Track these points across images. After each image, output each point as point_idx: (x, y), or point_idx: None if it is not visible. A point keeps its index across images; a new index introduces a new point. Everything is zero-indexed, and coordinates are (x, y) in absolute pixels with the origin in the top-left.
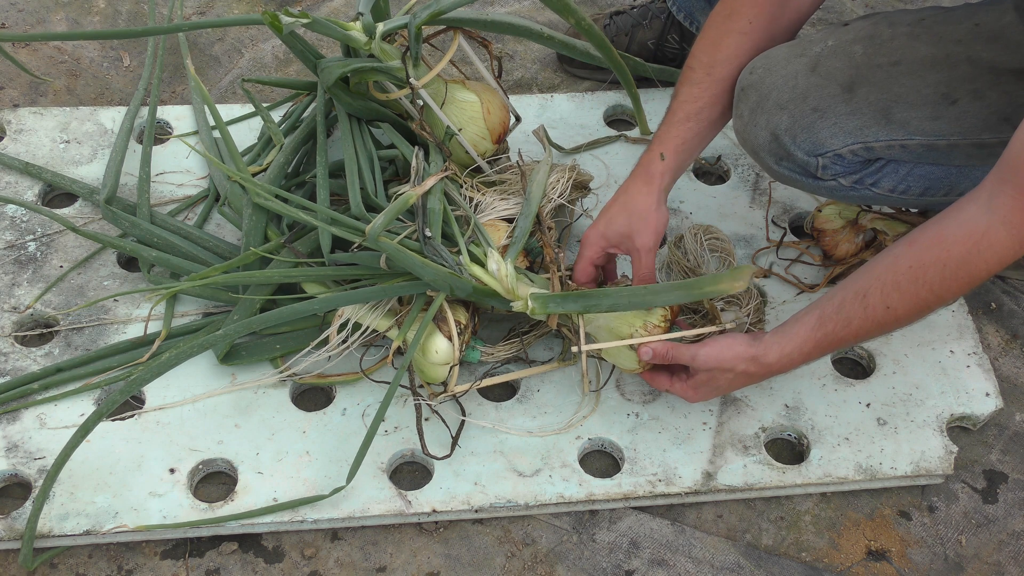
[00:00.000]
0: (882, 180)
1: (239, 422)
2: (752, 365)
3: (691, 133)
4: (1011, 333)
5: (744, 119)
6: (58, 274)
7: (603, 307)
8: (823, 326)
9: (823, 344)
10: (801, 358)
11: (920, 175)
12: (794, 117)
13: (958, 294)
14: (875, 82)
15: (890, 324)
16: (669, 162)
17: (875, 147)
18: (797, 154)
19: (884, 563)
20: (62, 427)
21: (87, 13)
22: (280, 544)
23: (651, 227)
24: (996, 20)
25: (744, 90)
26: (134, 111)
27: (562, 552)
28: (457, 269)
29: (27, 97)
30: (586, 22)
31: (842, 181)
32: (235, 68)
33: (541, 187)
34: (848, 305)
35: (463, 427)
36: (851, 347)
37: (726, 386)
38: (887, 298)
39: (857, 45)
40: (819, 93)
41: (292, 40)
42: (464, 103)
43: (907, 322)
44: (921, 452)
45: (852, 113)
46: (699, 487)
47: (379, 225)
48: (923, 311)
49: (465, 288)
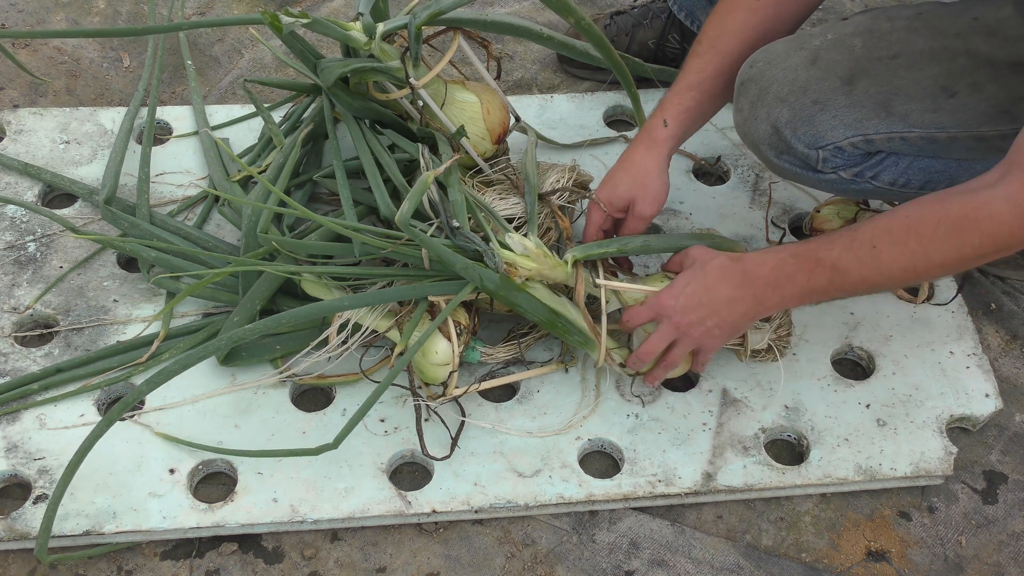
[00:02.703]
0: (882, 173)
1: (239, 422)
2: (731, 262)
3: (693, 102)
4: (1011, 334)
5: (744, 113)
6: (58, 274)
7: (636, 246)
8: (806, 243)
9: (802, 257)
10: (778, 264)
11: (920, 168)
12: (794, 110)
13: (944, 262)
14: (875, 75)
15: (870, 267)
16: (671, 129)
17: (875, 139)
18: (798, 147)
19: (884, 564)
20: (62, 428)
21: (87, 13)
22: (280, 545)
23: (652, 194)
24: (994, 14)
25: (744, 84)
26: (134, 112)
27: (562, 553)
28: (489, 254)
29: (27, 97)
30: (586, 22)
31: (843, 174)
32: (235, 68)
33: (533, 163)
34: (837, 235)
35: (463, 428)
36: (830, 292)
37: (708, 299)
38: (876, 238)
39: (857, 38)
40: (819, 86)
41: (292, 40)
42: (464, 103)
43: (887, 275)
44: (921, 453)
45: (852, 106)
46: (699, 488)
47: (406, 211)
48: (906, 266)
49: (493, 278)
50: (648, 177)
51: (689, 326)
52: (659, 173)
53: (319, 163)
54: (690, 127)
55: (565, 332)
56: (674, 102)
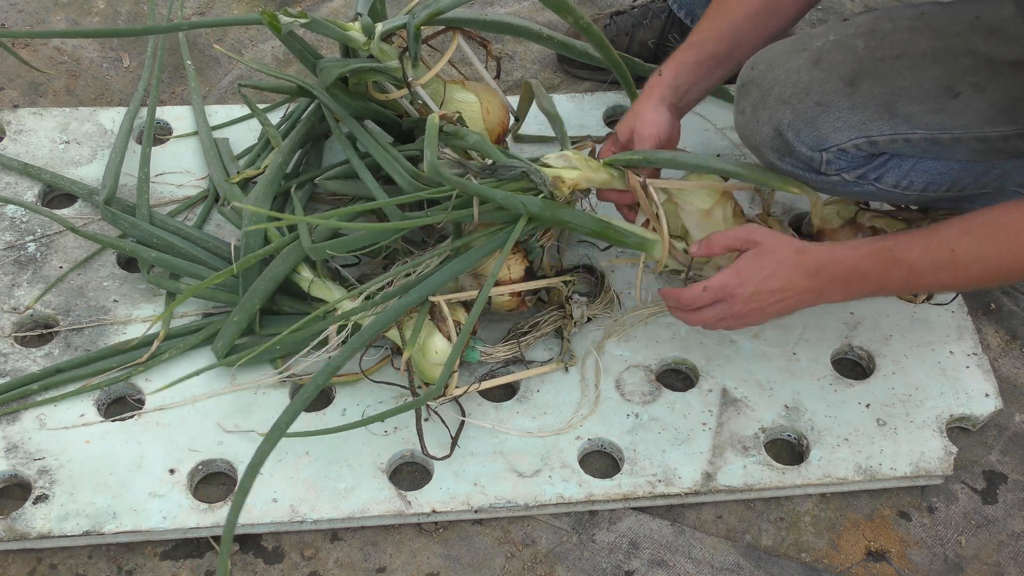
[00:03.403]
0: (886, 175)
1: (239, 422)
2: (801, 256)
3: (690, 58)
4: (1011, 333)
5: (746, 115)
6: (58, 275)
7: (664, 159)
8: (882, 241)
9: (880, 257)
10: (856, 264)
11: (923, 170)
12: (797, 112)
13: (1013, 272)
14: (878, 75)
15: (946, 269)
16: (665, 77)
17: (879, 141)
18: (800, 149)
19: (884, 564)
20: (62, 428)
21: (87, 13)
22: (280, 545)
23: (648, 121)
24: (995, 13)
25: (745, 85)
26: (134, 112)
27: (562, 552)
28: (534, 171)
29: (27, 97)
30: (585, 21)
31: (846, 176)
32: (235, 68)
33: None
34: (915, 235)
35: (463, 427)
36: (898, 291)
37: (777, 290)
38: (954, 241)
39: (859, 39)
40: (822, 87)
41: (291, 40)
42: (463, 103)
43: (963, 278)
44: (921, 453)
45: (855, 107)
46: (699, 488)
47: (431, 158)
48: (982, 271)
49: (536, 203)
50: (642, 109)
51: (748, 314)
52: (653, 107)
53: (319, 163)
54: (686, 79)
55: (619, 237)
56: (672, 57)
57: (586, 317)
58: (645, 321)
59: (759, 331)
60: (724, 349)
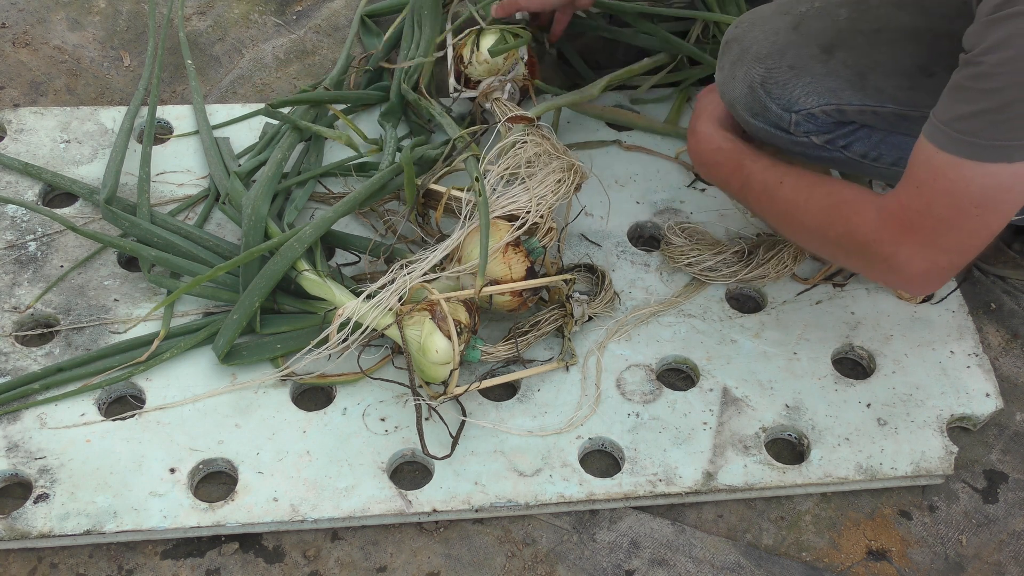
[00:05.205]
0: (854, 144)
1: (239, 422)
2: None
3: None
4: (1011, 333)
5: (725, 71)
6: (58, 274)
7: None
8: (749, 147)
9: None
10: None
11: (893, 144)
12: (770, 71)
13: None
14: (854, 47)
15: (767, 196)
16: None
17: (847, 110)
18: (771, 107)
19: (884, 563)
20: (62, 427)
21: (87, 13)
22: (280, 544)
23: None
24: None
25: (728, 43)
26: (134, 111)
27: (562, 552)
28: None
29: (27, 97)
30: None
31: (814, 139)
32: (235, 68)
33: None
34: (768, 155)
35: (463, 427)
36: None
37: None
38: (789, 177)
39: (843, 8)
40: (797, 51)
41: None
42: None
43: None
44: (921, 452)
45: (828, 74)
46: (699, 487)
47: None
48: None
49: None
50: None
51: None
52: None
53: (319, 163)
54: None
55: None
56: None
57: (587, 316)
58: (646, 320)
59: (760, 331)
60: (725, 348)
